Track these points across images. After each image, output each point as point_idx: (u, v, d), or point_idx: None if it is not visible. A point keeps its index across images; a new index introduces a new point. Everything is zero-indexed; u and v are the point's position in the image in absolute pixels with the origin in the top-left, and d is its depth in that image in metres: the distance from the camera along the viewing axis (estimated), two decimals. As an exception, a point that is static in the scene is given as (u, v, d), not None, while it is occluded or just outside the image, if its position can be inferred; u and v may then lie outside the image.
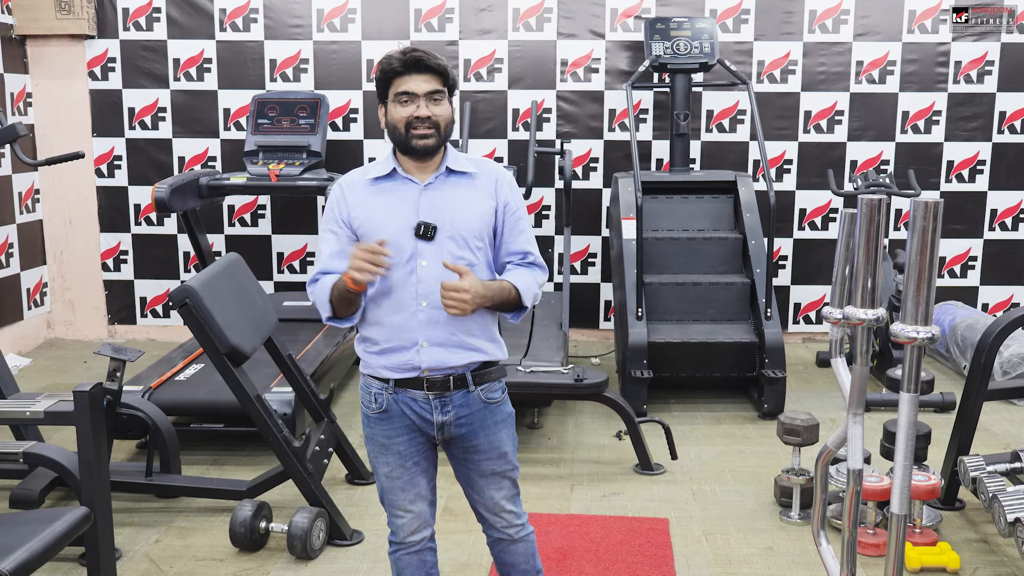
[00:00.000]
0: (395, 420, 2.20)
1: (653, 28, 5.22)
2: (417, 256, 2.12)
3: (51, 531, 2.25)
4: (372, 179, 2.19)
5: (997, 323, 3.35)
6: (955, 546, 3.13)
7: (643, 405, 4.46)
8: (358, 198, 2.18)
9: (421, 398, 2.17)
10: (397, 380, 2.17)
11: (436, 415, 2.18)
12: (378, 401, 2.20)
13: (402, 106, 2.11)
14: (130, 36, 5.85)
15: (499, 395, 2.25)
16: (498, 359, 2.24)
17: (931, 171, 5.79)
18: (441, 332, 2.13)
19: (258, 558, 3.13)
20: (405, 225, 2.13)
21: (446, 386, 2.16)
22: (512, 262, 2.23)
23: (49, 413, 2.56)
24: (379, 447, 2.23)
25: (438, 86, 2.12)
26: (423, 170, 2.18)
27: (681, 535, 3.29)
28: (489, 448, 2.23)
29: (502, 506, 2.28)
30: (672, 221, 5.15)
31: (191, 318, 3.05)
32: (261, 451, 3.89)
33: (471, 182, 2.19)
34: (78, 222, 6.06)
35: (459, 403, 2.18)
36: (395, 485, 2.23)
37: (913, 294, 1.70)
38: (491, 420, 2.22)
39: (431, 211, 2.14)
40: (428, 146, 2.13)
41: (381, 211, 2.15)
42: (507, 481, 2.28)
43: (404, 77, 2.11)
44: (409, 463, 2.22)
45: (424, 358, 2.13)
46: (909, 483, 1.77)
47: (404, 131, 2.12)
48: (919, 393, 1.76)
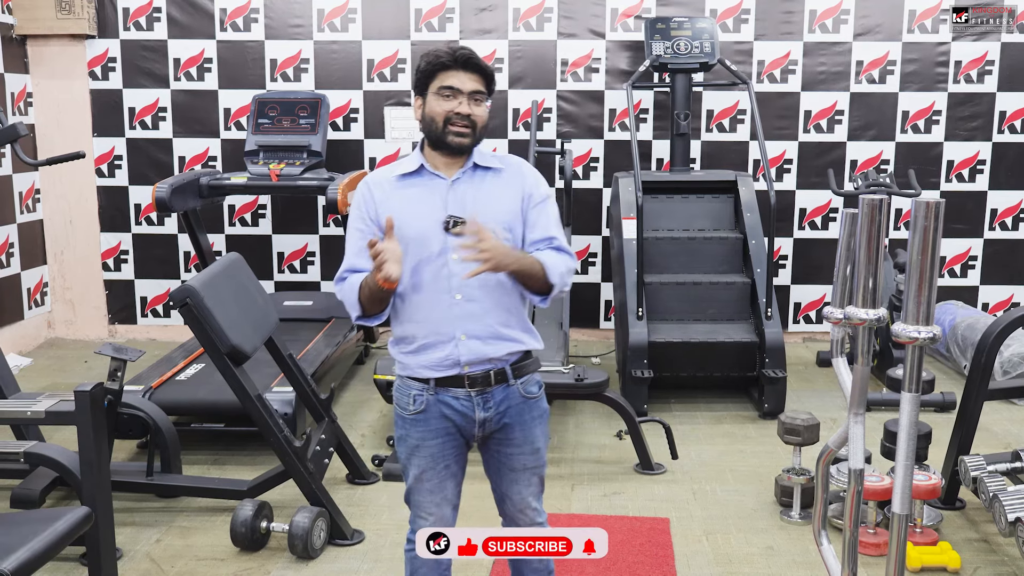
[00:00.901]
0: (432, 422, 2.20)
1: (653, 28, 5.22)
2: (448, 250, 2.13)
3: (52, 531, 2.25)
4: (399, 176, 2.20)
5: (997, 323, 3.35)
6: (956, 546, 3.13)
7: (643, 405, 4.46)
8: (385, 195, 2.19)
9: (463, 395, 2.18)
10: (437, 379, 2.17)
11: (478, 412, 2.19)
12: (417, 402, 2.19)
13: (444, 100, 2.13)
14: (130, 36, 5.85)
15: (537, 390, 2.27)
16: (535, 349, 2.26)
17: (931, 171, 5.79)
18: (478, 324, 2.15)
19: (259, 558, 3.13)
20: (434, 220, 2.14)
21: (487, 381, 2.18)
22: (537, 248, 2.22)
23: (50, 413, 2.56)
24: (411, 448, 2.23)
25: (481, 87, 2.14)
26: (450, 166, 2.19)
27: (682, 535, 3.29)
28: (524, 443, 2.25)
29: (528, 503, 2.30)
30: (672, 221, 5.15)
31: (192, 318, 3.05)
32: (262, 451, 3.89)
33: (497, 177, 2.21)
34: (79, 222, 6.06)
35: (500, 398, 2.20)
36: (424, 487, 2.23)
37: (914, 294, 1.70)
38: (528, 415, 2.25)
39: (459, 206, 2.15)
40: (463, 144, 2.15)
41: (409, 207, 2.16)
42: (536, 478, 2.30)
43: (450, 72, 2.12)
44: (440, 466, 2.23)
45: (463, 351, 2.14)
46: (911, 483, 1.77)
47: (442, 125, 2.13)
48: (920, 393, 1.76)
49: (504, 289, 2.17)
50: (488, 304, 2.15)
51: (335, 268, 6.65)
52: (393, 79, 5.82)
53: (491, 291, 2.15)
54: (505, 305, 2.17)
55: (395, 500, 3.59)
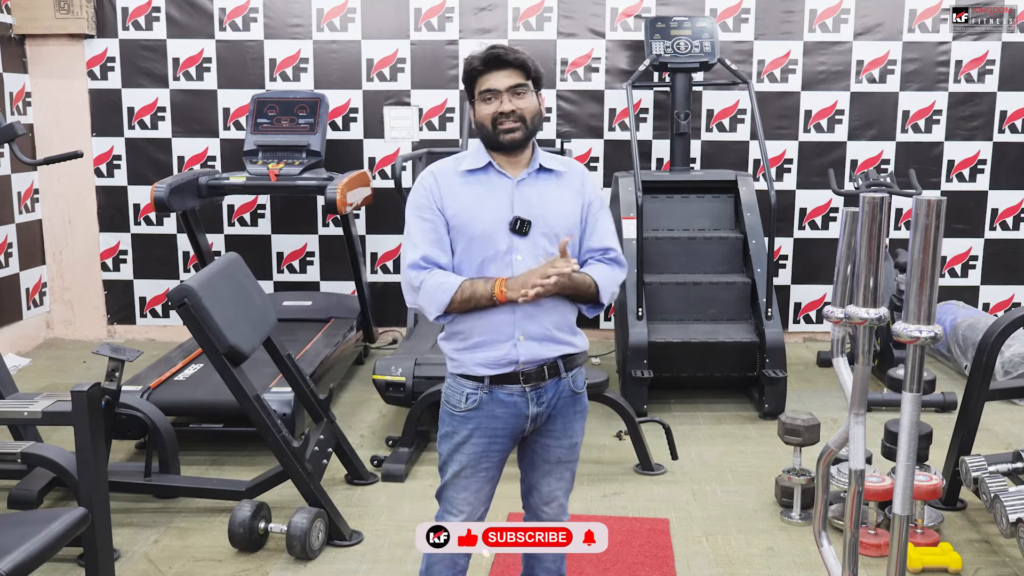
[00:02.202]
0: (483, 421, 2.20)
1: (653, 27, 5.21)
2: (513, 251, 2.15)
3: (49, 532, 2.24)
4: (465, 171, 2.21)
5: (999, 323, 3.34)
6: (957, 546, 3.11)
7: (643, 405, 4.45)
8: (451, 188, 2.19)
9: (518, 392, 2.19)
10: (492, 377, 2.18)
11: (531, 407, 2.20)
12: (470, 400, 2.20)
13: (487, 104, 2.15)
14: (129, 35, 5.84)
15: (582, 386, 2.30)
16: (584, 350, 2.30)
17: (932, 171, 5.78)
18: (536, 326, 2.17)
19: (257, 559, 3.12)
20: (500, 219, 2.15)
21: (541, 376, 2.19)
22: (593, 257, 2.26)
23: (47, 413, 2.55)
24: (456, 445, 2.23)
25: (520, 80, 2.15)
26: (515, 165, 2.20)
27: (682, 535, 3.28)
28: (563, 436, 2.27)
29: (556, 496, 2.31)
30: (672, 221, 5.14)
31: (190, 318, 3.04)
32: (260, 451, 3.88)
33: (560, 180, 2.24)
34: (77, 222, 6.05)
35: (551, 392, 2.22)
36: (460, 484, 2.24)
37: (916, 293, 1.69)
38: (572, 409, 2.27)
39: (525, 207, 2.16)
40: (515, 140, 2.16)
41: (475, 203, 2.17)
42: (569, 472, 2.32)
43: (486, 75, 2.14)
44: (481, 466, 2.23)
45: (521, 352, 2.16)
46: (912, 484, 1.76)
47: (491, 127, 2.15)
48: (922, 393, 1.75)
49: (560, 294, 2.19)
50: (547, 307, 2.18)
51: (334, 268, 6.65)
52: (392, 79, 5.80)
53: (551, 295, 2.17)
54: (560, 309, 2.21)
55: (394, 501, 3.58)
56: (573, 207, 2.23)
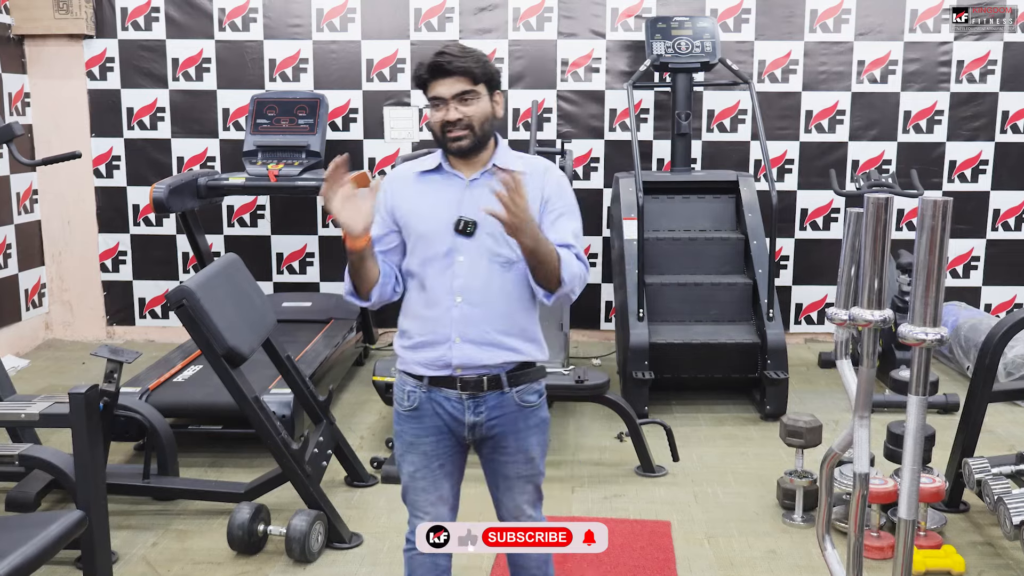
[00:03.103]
0: (426, 419, 2.18)
1: (654, 27, 5.19)
2: (455, 251, 2.11)
3: (45, 535, 2.22)
4: (419, 172, 2.20)
5: (1001, 324, 3.32)
6: (960, 549, 3.10)
7: (644, 406, 4.43)
8: (403, 190, 2.19)
9: (454, 397, 2.15)
10: (431, 378, 2.16)
11: (468, 415, 2.16)
12: (411, 399, 2.18)
13: (435, 111, 2.12)
14: (128, 36, 5.83)
15: (535, 399, 2.22)
16: (536, 359, 2.21)
17: (933, 171, 5.76)
18: (475, 329, 2.12)
19: (256, 561, 3.10)
20: (446, 220, 2.12)
21: (480, 387, 2.14)
22: None
23: (44, 415, 2.54)
24: (406, 445, 2.21)
25: (466, 87, 2.10)
26: (470, 166, 2.17)
27: (683, 538, 3.27)
28: (517, 452, 2.21)
29: (523, 510, 2.26)
30: (673, 221, 5.13)
31: (188, 319, 3.02)
32: (259, 453, 3.86)
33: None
34: (76, 223, 6.03)
35: (493, 404, 2.16)
36: (418, 485, 2.21)
37: (922, 294, 1.67)
38: (523, 424, 2.20)
39: (474, 207, 2.12)
40: (462, 147, 2.12)
41: (424, 204, 2.15)
42: (531, 486, 2.26)
43: (432, 83, 2.11)
44: (434, 464, 2.20)
45: (456, 354, 2.12)
46: (918, 488, 1.74)
47: (441, 135, 2.13)
48: (928, 396, 1.73)
49: (509, 296, 2.14)
50: (489, 310, 2.12)
51: (334, 269, 6.64)
52: (392, 79, 5.79)
53: (494, 297, 2.12)
54: (507, 313, 2.13)
55: (394, 503, 3.56)
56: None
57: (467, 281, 2.11)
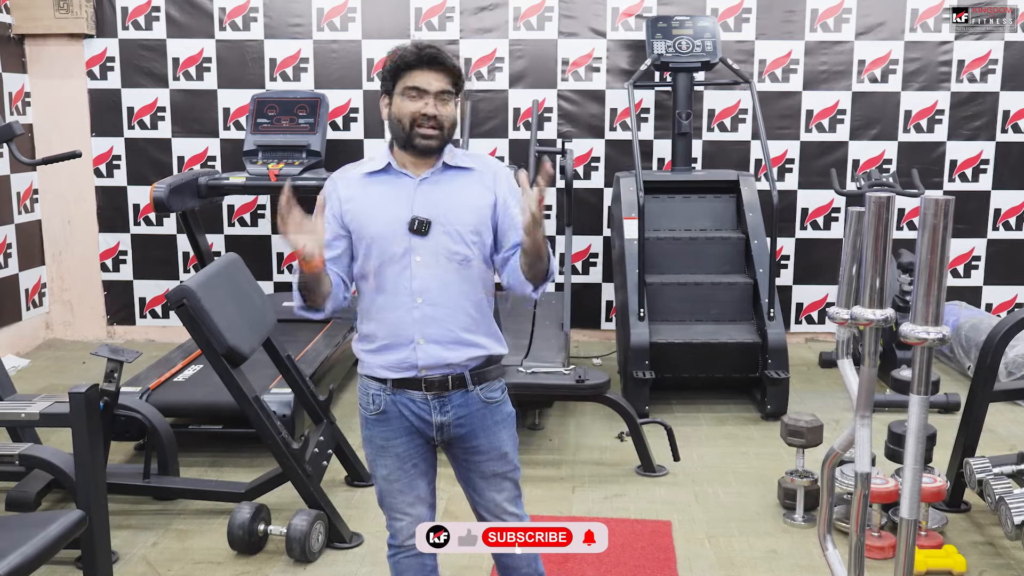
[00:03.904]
0: (393, 422, 2.16)
1: (655, 27, 5.19)
2: (411, 252, 2.08)
3: (45, 534, 2.22)
4: (365, 174, 2.15)
5: (1002, 324, 3.32)
6: (961, 549, 3.09)
7: (645, 406, 4.43)
8: (351, 192, 2.14)
9: (419, 398, 2.13)
10: (395, 380, 2.13)
11: (435, 415, 2.14)
12: (376, 402, 2.16)
13: (410, 101, 2.06)
14: (129, 35, 5.82)
15: (499, 395, 2.21)
16: (499, 354, 2.20)
17: (934, 170, 5.76)
18: (437, 329, 2.09)
19: (256, 561, 3.10)
20: (399, 220, 2.08)
21: (444, 386, 2.13)
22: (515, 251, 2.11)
23: (44, 415, 2.54)
24: (377, 449, 2.19)
25: (448, 86, 2.07)
26: (419, 166, 2.13)
27: (684, 538, 3.26)
28: (490, 449, 2.19)
29: (504, 507, 2.24)
30: (674, 221, 5.12)
31: (188, 319, 3.02)
32: (260, 453, 3.85)
33: (469, 176, 2.14)
34: (77, 222, 6.03)
35: (458, 403, 2.15)
36: (394, 488, 2.20)
37: (923, 294, 1.67)
38: (491, 420, 2.19)
39: (426, 206, 2.09)
40: (431, 146, 2.08)
41: (374, 205, 2.11)
42: (508, 483, 2.24)
43: (416, 72, 2.05)
44: (408, 465, 2.19)
45: (421, 356, 2.10)
46: (919, 488, 1.73)
47: (409, 127, 2.07)
48: (929, 395, 1.73)
49: (468, 294, 2.12)
50: (451, 309, 2.10)
51: (334, 268, 6.51)
52: (393, 78, 5.77)
53: (454, 295, 2.10)
54: (468, 310, 2.12)
55: (394, 502, 3.56)
56: (480, 203, 2.12)
57: (425, 282, 2.08)
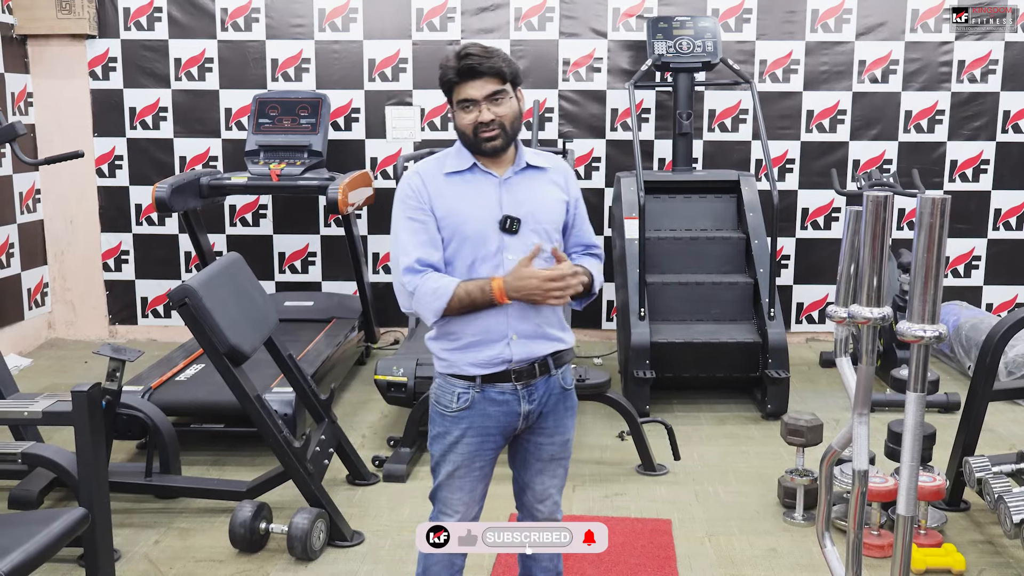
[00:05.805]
0: (475, 420, 2.19)
1: (656, 27, 5.20)
2: (504, 249, 2.14)
3: (48, 532, 2.23)
4: (448, 173, 2.19)
5: (1002, 323, 3.33)
6: (960, 547, 3.10)
7: (645, 405, 4.44)
8: (438, 189, 2.17)
9: (509, 390, 2.18)
10: (484, 376, 2.17)
11: (523, 404, 2.20)
12: (462, 399, 2.19)
13: (466, 113, 2.13)
14: (131, 36, 5.84)
15: (571, 382, 2.31)
16: (572, 346, 2.31)
17: (934, 171, 5.76)
18: (529, 325, 2.17)
19: (258, 559, 3.11)
20: (490, 219, 2.15)
21: (532, 374, 2.20)
22: (578, 252, 2.31)
23: (47, 413, 2.55)
24: (449, 446, 2.22)
25: (497, 86, 2.12)
26: (499, 164, 2.20)
27: (684, 536, 3.27)
28: (555, 433, 2.27)
29: (551, 494, 2.32)
30: (675, 221, 5.13)
31: (190, 318, 3.03)
32: (261, 452, 3.87)
33: (545, 176, 2.24)
34: (79, 222, 6.05)
35: (542, 389, 2.22)
36: (455, 484, 2.23)
37: (920, 292, 1.68)
38: (563, 406, 2.28)
39: (513, 204, 2.16)
40: (496, 147, 2.15)
41: (463, 204, 2.16)
42: (562, 469, 2.33)
43: (461, 85, 2.12)
44: (475, 464, 2.22)
45: (515, 351, 2.16)
46: (916, 485, 1.74)
47: (472, 136, 2.14)
48: (926, 393, 1.74)
49: None
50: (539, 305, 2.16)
51: (336, 268, 6.63)
52: (394, 79, 5.80)
53: None
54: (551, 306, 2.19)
55: (395, 501, 3.57)
56: (559, 202, 2.24)
57: None
